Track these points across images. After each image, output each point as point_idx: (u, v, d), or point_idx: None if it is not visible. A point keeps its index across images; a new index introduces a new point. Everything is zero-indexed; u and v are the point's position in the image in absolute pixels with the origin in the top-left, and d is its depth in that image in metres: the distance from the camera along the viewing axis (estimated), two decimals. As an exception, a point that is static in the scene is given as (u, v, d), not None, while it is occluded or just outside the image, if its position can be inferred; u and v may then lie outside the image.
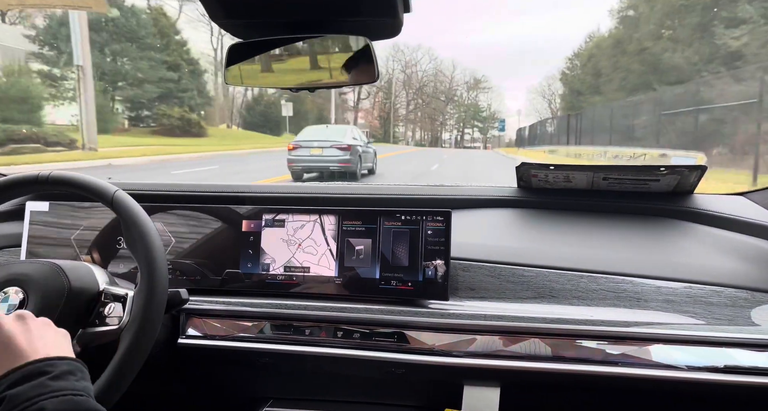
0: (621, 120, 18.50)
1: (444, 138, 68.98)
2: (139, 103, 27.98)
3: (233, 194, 1.27)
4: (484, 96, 69.56)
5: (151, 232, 0.86)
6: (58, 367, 0.58)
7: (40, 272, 0.86)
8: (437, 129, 67.89)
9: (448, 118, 68.94)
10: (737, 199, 1.20)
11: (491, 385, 0.95)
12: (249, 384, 1.14)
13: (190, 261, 1.11)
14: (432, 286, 1.01)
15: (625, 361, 0.88)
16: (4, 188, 0.92)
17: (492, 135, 68.94)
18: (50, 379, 0.56)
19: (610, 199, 1.20)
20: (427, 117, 65.91)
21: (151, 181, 1.34)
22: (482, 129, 70.21)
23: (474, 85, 66.58)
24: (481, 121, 69.65)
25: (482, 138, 70.32)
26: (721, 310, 0.94)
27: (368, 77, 0.88)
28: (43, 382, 0.56)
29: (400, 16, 0.76)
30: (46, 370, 0.57)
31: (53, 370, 0.58)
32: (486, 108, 69.96)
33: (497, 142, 71.24)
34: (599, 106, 24.88)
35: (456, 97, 67.24)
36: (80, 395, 0.58)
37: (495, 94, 77.23)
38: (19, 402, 0.54)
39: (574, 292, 1.00)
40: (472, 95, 68.03)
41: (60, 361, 0.59)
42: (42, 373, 0.57)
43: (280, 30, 0.85)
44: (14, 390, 0.55)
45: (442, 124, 68.76)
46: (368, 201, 1.24)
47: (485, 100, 69.63)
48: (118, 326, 0.85)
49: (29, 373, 0.56)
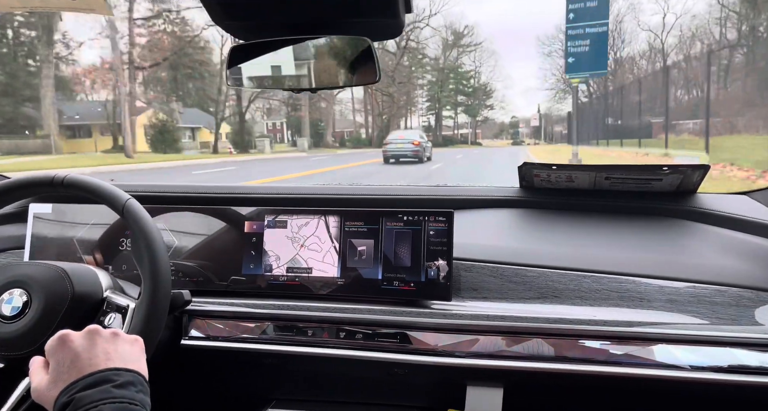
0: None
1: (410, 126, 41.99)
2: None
3: (236, 195, 1.27)
4: (469, 59, 44.70)
5: (159, 246, 0.86)
6: (123, 377, 0.63)
7: (44, 275, 0.86)
8: (400, 113, 41.64)
9: (413, 94, 42.68)
10: (740, 198, 1.20)
11: (494, 385, 0.95)
12: (252, 385, 1.14)
13: (193, 262, 1.11)
14: (434, 286, 1.01)
15: (628, 361, 0.88)
16: (17, 187, 0.93)
17: (486, 117, 48.42)
18: (114, 386, 0.61)
19: (612, 198, 1.20)
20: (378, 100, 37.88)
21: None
22: (469, 108, 47.07)
23: (454, 43, 42.60)
24: (467, 94, 46.61)
25: (471, 122, 48.61)
26: (725, 309, 0.93)
27: (370, 77, 0.88)
28: (107, 388, 0.61)
29: (402, 16, 0.76)
30: (111, 378, 0.62)
31: (118, 379, 0.62)
32: (473, 73, 45.12)
33: (494, 130, 54.75)
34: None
35: (424, 61, 42.73)
36: (135, 405, 0.62)
37: (487, 55, 52.38)
38: (82, 404, 0.60)
39: (577, 292, 0.99)
40: (452, 55, 43.81)
41: (126, 372, 0.64)
42: (107, 380, 0.62)
43: (282, 31, 0.85)
44: (81, 393, 0.60)
45: (406, 106, 42.28)
46: (370, 202, 1.24)
47: (471, 64, 45.25)
48: None
49: (96, 380, 0.62)
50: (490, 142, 52.00)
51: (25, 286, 0.85)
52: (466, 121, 49.87)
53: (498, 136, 58.42)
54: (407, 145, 17.44)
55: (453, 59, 44.31)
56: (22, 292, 0.84)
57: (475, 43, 44.07)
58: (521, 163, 1.20)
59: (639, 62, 35.51)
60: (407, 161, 17.19)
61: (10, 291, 0.85)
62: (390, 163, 17.20)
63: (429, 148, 19.33)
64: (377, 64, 0.85)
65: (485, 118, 50.07)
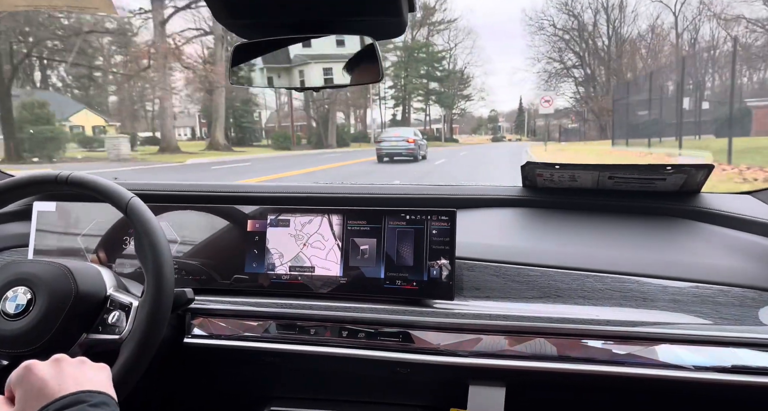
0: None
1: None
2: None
3: (239, 194, 1.27)
4: (443, 39, 37.76)
5: (162, 244, 0.86)
6: (97, 398, 0.63)
7: (48, 273, 0.86)
8: (359, 103, 33.52)
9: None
10: (744, 197, 1.19)
11: (497, 384, 0.95)
12: (254, 383, 1.14)
13: (196, 261, 1.11)
14: (437, 285, 1.01)
15: (631, 361, 0.88)
16: (21, 185, 0.93)
17: (463, 110, 41.88)
18: (90, 405, 0.61)
19: (615, 198, 1.19)
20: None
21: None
22: (443, 98, 39.78)
23: (423, 20, 35.64)
24: (439, 80, 39.57)
25: (445, 115, 41.27)
26: (729, 309, 0.93)
27: (373, 76, 0.89)
28: (83, 407, 0.61)
29: (404, 15, 0.76)
30: (85, 399, 0.62)
31: (91, 399, 0.63)
32: (446, 53, 38.07)
33: (472, 124, 48.01)
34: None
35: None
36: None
37: (463, 34, 44.30)
38: None
39: (580, 291, 0.99)
40: (420, 33, 36.44)
41: (98, 393, 0.65)
42: (81, 401, 0.62)
43: (285, 30, 0.85)
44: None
45: (365, 96, 33.32)
46: (373, 201, 1.24)
47: (444, 44, 38.23)
48: (119, 337, 0.85)
49: (70, 401, 0.61)
50: (468, 137, 46.03)
51: (29, 283, 0.85)
52: (440, 115, 41.65)
53: (476, 131, 53.17)
54: (401, 143, 16.87)
55: (422, 39, 37.35)
56: (26, 290, 0.85)
57: (449, 20, 37.82)
58: (524, 163, 1.19)
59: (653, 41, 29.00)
60: (401, 160, 16.55)
61: (14, 289, 0.85)
62: (384, 162, 16.47)
63: (424, 147, 18.75)
64: (380, 63, 0.86)
65: (462, 110, 43.13)
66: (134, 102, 33.64)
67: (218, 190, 1.29)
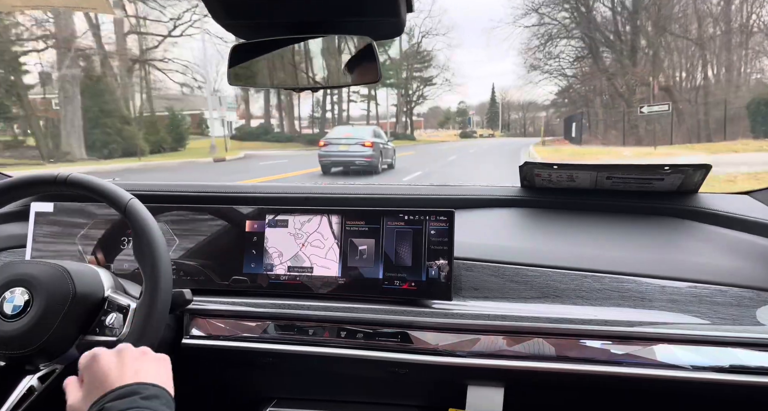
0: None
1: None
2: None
3: (237, 195, 1.27)
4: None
5: (160, 245, 0.86)
6: (150, 390, 0.67)
7: (46, 274, 0.86)
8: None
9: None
10: (742, 198, 1.20)
11: (495, 385, 0.95)
12: (253, 384, 1.14)
13: (194, 262, 1.11)
14: (435, 286, 1.01)
15: (629, 361, 0.88)
16: (19, 186, 0.93)
17: (423, 96, 31.33)
18: (141, 398, 0.65)
19: (614, 198, 1.20)
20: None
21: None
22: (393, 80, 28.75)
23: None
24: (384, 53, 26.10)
25: (399, 104, 31.83)
26: (726, 309, 0.93)
27: (371, 77, 0.88)
28: (134, 399, 0.65)
29: (403, 15, 0.76)
30: (138, 390, 0.66)
31: (144, 392, 0.66)
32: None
33: (438, 117, 40.64)
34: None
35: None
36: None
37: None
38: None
39: (578, 291, 0.99)
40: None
41: (152, 386, 0.68)
42: (135, 392, 0.66)
43: (283, 30, 0.85)
44: (110, 404, 0.64)
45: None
46: (371, 201, 1.24)
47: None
48: (117, 338, 0.85)
49: (125, 392, 0.66)
50: (434, 132, 38.49)
51: (27, 284, 0.85)
52: (393, 105, 31.17)
53: (444, 126, 46.94)
54: (354, 148, 11.57)
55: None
56: (24, 291, 0.84)
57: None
58: (522, 163, 1.19)
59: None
60: (357, 170, 11.54)
61: (11, 289, 0.85)
62: (331, 174, 11.64)
63: (390, 152, 13.17)
64: (378, 63, 0.85)
65: (421, 96, 32.04)
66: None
67: (217, 191, 1.29)
